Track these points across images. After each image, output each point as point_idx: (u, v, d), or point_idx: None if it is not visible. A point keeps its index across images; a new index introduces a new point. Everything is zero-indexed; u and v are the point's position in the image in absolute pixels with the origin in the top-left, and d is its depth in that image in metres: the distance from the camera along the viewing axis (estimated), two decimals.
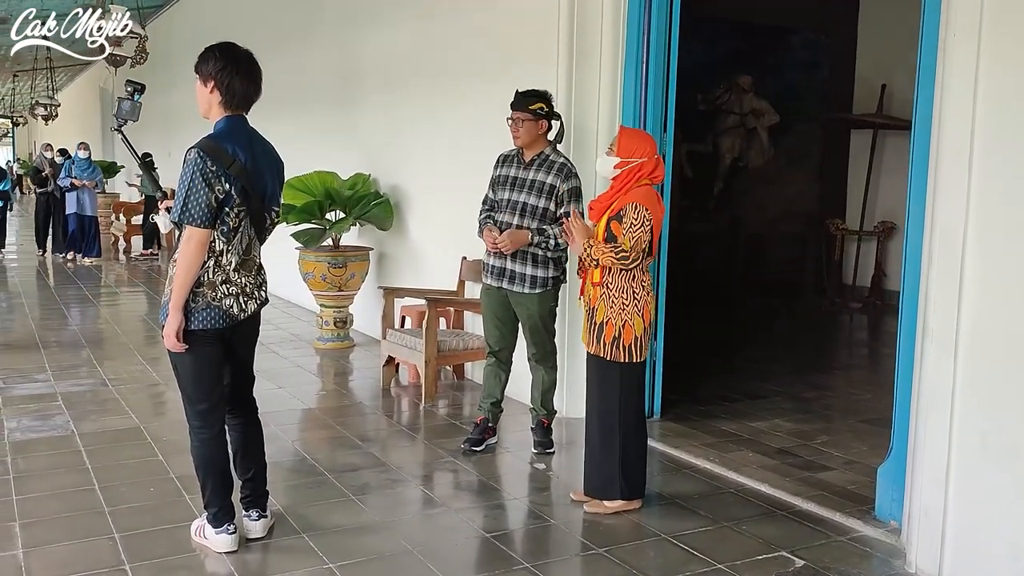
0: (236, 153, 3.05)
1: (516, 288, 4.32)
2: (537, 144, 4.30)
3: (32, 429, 4.79)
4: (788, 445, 4.69)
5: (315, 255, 6.84)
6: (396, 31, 7.05)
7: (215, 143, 3.05)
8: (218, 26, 11.32)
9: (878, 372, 6.82)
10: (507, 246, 4.23)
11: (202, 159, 2.99)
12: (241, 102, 3.15)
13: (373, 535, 3.50)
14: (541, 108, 4.24)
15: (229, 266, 3.11)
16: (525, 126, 4.24)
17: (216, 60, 3.12)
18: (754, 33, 9.48)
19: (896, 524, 3.51)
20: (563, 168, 4.26)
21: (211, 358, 3.18)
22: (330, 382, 6.18)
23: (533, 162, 4.30)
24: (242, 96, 3.14)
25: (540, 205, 4.25)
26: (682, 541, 3.45)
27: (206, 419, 3.22)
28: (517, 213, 4.29)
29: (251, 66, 3.16)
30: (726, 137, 9.71)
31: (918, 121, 3.31)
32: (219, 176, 3.00)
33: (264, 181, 3.17)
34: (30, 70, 19.95)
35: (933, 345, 3.13)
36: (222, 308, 3.12)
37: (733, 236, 9.76)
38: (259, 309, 3.29)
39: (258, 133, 3.24)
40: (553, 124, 4.33)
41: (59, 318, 8.29)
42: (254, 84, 3.17)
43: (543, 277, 4.30)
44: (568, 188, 4.24)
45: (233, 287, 3.14)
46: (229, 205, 3.04)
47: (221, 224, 3.05)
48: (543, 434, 4.56)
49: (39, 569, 3.13)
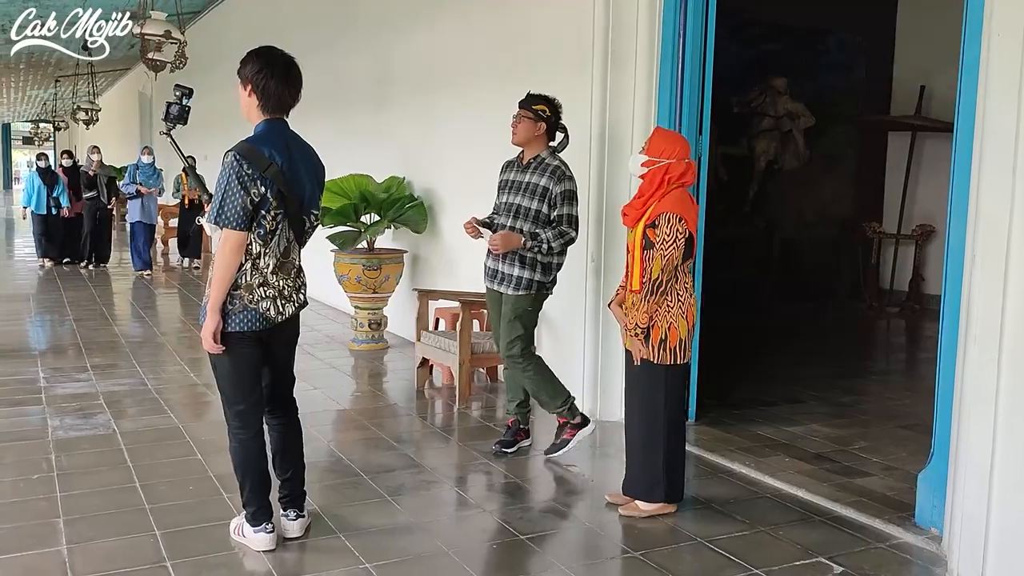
0: (272, 156, 3.07)
1: (502, 288, 4.36)
2: (534, 146, 4.32)
3: (75, 428, 4.89)
4: (825, 450, 4.64)
5: (350, 257, 6.89)
6: (431, 35, 7.09)
7: (252, 146, 3.08)
8: (255, 30, 11.46)
9: (916, 377, 6.74)
10: (497, 247, 4.27)
11: (238, 162, 3.02)
12: (277, 105, 3.17)
13: (408, 536, 3.52)
14: (543, 111, 4.27)
15: (267, 269, 3.14)
16: (523, 124, 4.28)
17: (254, 64, 3.16)
18: (789, 35, 9.41)
19: (937, 531, 3.46)
20: (556, 171, 4.25)
21: (248, 360, 3.21)
22: (365, 383, 6.22)
23: (530, 165, 4.33)
24: (277, 100, 3.16)
25: (533, 207, 4.27)
26: (718, 545, 3.43)
27: (244, 420, 3.26)
28: (512, 215, 4.32)
29: (287, 70, 3.17)
30: (761, 140, 9.64)
31: (960, 121, 3.26)
32: (255, 179, 3.02)
33: (302, 185, 3.19)
34: (72, 75, 20.31)
35: (976, 348, 3.07)
36: (259, 311, 3.15)
37: (768, 239, 9.67)
38: (297, 312, 3.31)
39: (298, 137, 3.26)
40: (557, 134, 4.37)
41: (102, 321, 8.44)
42: (290, 88, 3.17)
43: (528, 279, 4.29)
44: (561, 191, 4.23)
45: (271, 289, 3.17)
46: (265, 208, 3.07)
47: (257, 227, 3.07)
48: (558, 434, 4.47)
49: (83, 565, 3.18)
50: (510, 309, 4.34)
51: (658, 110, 4.82)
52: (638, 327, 3.59)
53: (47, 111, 32.05)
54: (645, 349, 3.63)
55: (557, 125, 4.35)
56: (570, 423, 4.44)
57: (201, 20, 14.56)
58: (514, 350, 4.37)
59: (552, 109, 4.30)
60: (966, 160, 3.18)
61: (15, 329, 8.00)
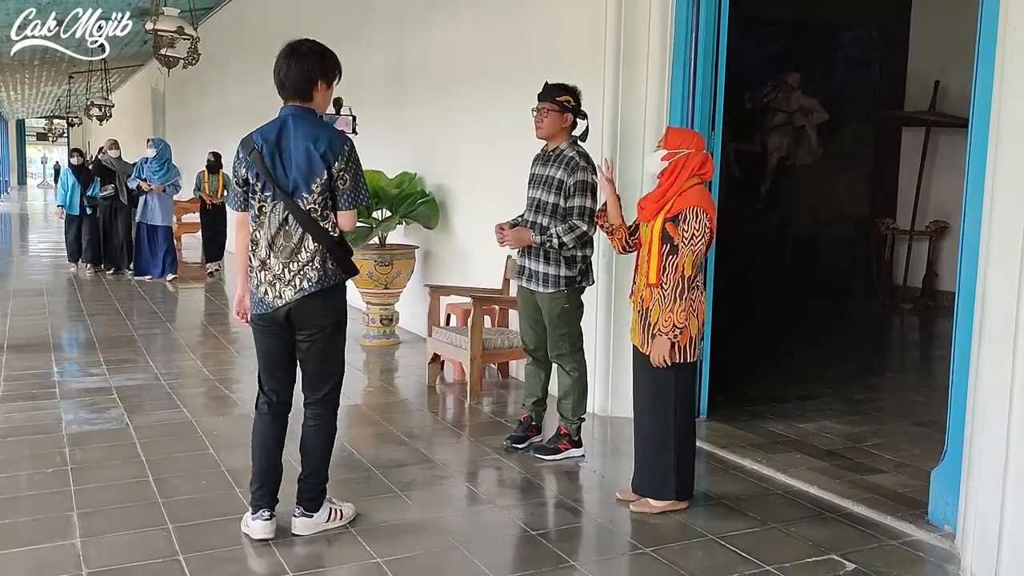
0: (256, 141, 3.21)
1: (533, 286, 4.30)
2: (557, 138, 4.24)
3: (88, 422, 4.92)
4: (837, 447, 4.62)
5: (362, 253, 6.89)
6: (444, 32, 7.09)
7: (250, 133, 3.27)
8: (268, 26, 11.49)
9: (930, 374, 6.70)
10: (510, 242, 4.27)
11: (238, 148, 3.26)
12: (280, 92, 3.29)
13: (420, 530, 3.53)
14: (568, 101, 4.19)
15: (261, 250, 3.26)
16: (549, 117, 4.19)
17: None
18: (803, 30, 9.35)
19: (950, 528, 3.44)
20: (570, 162, 4.17)
21: (263, 346, 3.37)
22: (376, 379, 6.24)
23: (550, 157, 4.27)
24: (280, 87, 3.29)
25: (550, 200, 4.20)
26: (730, 542, 3.42)
27: (258, 400, 3.42)
28: (532, 209, 4.30)
29: (285, 57, 3.26)
30: (774, 135, 9.59)
31: (975, 116, 3.23)
32: (241, 163, 3.24)
33: (288, 169, 3.18)
34: (85, 72, 20.42)
35: (991, 345, 3.05)
36: (259, 295, 3.28)
37: (781, 236, 9.63)
38: (305, 300, 3.22)
39: (302, 126, 3.20)
40: (579, 122, 4.28)
41: (118, 322, 8.49)
42: (279, 76, 3.26)
43: (555, 276, 4.22)
44: (574, 182, 4.14)
45: (268, 273, 3.25)
46: (251, 191, 3.24)
47: (250, 208, 3.26)
48: (555, 439, 4.39)
49: (96, 558, 3.20)
50: (548, 310, 4.29)
51: (670, 106, 4.81)
52: (676, 328, 3.51)
53: (61, 107, 32.22)
54: (672, 351, 3.54)
55: (580, 113, 4.28)
56: (571, 436, 4.41)
57: (214, 16, 14.59)
58: (563, 349, 4.33)
59: (575, 98, 4.23)
60: (981, 155, 3.15)
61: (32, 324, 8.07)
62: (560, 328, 4.30)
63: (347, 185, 3.23)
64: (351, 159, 3.25)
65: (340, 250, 3.30)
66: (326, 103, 3.40)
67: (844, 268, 9.95)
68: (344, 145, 3.24)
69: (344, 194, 3.24)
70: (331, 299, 3.31)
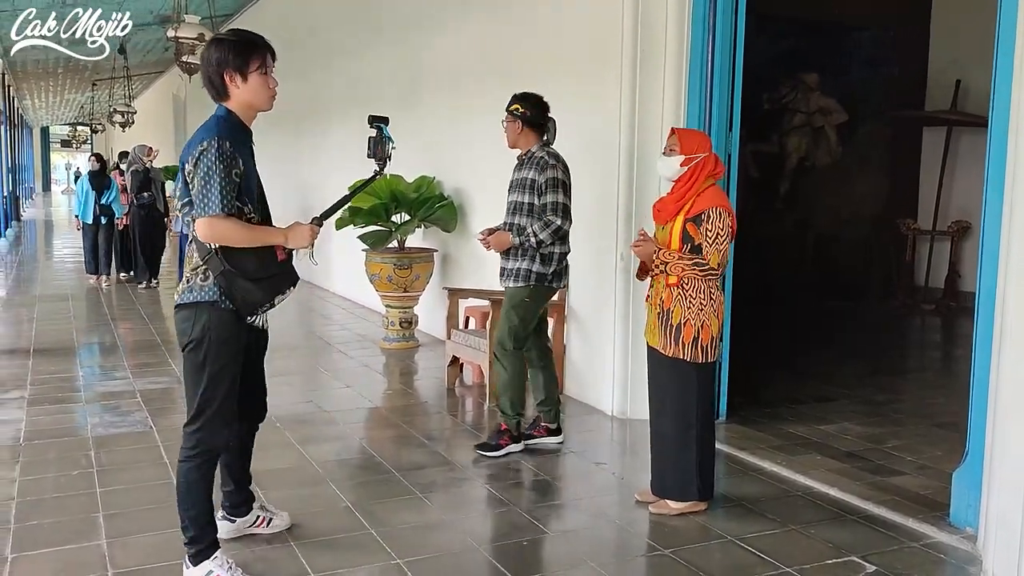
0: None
1: (504, 283, 4.45)
2: (523, 143, 4.44)
3: (113, 425, 4.98)
4: (858, 449, 4.60)
5: (381, 257, 6.95)
6: (460, 34, 7.12)
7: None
8: (287, 32, 11.56)
9: (951, 375, 6.65)
10: (493, 247, 4.40)
11: None
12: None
13: (440, 532, 3.55)
14: (516, 109, 4.40)
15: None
16: (508, 127, 4.44)
17: None
18: (821, 30, 9.31)
19: (972, 530, 3.42)
20: (540, 161, 4.35)
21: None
22: (396, 382, 6.27)
23: (523, 162, 4.45)
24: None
25: (524, 201, 4.37)
26: (749, 544, 3.42)
27: None
28: (510, 212, 4.46)
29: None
30: (792, 136, 9.56)
31: (995, 115, 3.22)
32: None
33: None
34: (108, 79, 20.64)
35: (1012, 346, 3.04)
36: None
37: (800, 236, 9.59)
38: (176, 309, 3.01)
39: (211, 119, 2.97)
40: (548, 125, 4.44)
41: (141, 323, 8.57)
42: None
43: (525, 270, 4.36)
44: (545, 179, 4.32)
45: None
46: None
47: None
48: (496, 436, 4.49)
49: (122, 559, 3.24)
50: (507, 299, 4.43)
51: (688, 107, 4.80)
52: (665, 265, 3.56)
53: (84, 114, 32.63)
54: (676, 347, 3.59)
55: (539, 120, 4.41)
56: (511, 433, 4.47)
57: (234, 23, 14.72)
58: (506, 343, 4.41)
59: (527, 105, 4.39)
60: (1001, 155, 3.14)
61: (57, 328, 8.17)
62: (511, 319, 4.39)
63: (195, 189, 2.81)
64: (200, 159, 2.79)
65: (218, 264, 2.85)
66: (256, 95, 2.99)
67: (864, 269, 9.90)
68: (200, 143, 2.82)
69: (195, 199, 2.82)
70: (198, 315, 2.89)
